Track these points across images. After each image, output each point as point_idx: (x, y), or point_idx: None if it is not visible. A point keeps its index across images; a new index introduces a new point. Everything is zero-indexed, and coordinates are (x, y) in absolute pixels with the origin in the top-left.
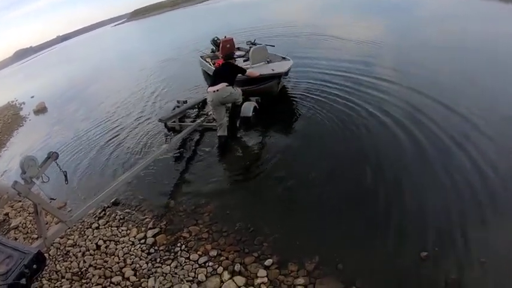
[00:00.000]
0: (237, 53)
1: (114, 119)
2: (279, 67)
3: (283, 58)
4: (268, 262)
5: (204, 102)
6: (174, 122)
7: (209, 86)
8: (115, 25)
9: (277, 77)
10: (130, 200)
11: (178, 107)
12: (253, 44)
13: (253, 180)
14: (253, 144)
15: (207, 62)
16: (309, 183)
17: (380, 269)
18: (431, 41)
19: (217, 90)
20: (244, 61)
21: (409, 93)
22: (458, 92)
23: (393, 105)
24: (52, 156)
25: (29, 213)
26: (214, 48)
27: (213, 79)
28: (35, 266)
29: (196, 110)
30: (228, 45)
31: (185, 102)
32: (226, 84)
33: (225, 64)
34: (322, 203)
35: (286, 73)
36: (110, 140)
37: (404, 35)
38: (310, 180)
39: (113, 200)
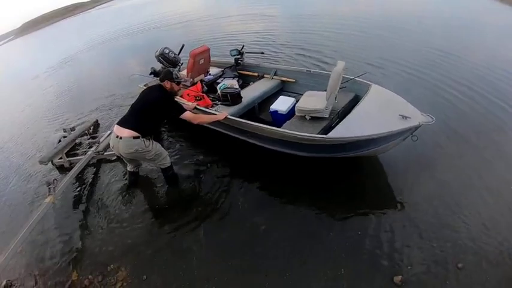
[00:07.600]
0: (212, 70)
1: None
2: (403, 110)
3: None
4: None
5: (96, 124)
6: (61, 158)
7: (116, 123)
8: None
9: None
10: (23, 279)
11: (65, 137)
12: (240, 52)
13: (177, 235)
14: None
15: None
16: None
17: None
18: None
19: (121, 138)
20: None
21: None
22: None
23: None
24: None
25: None
26: (162, 66)
27: (128, 112)
28: None
29: (88, 137)
30: (202, 60)
31: (73, 129)
32: (134, 134)
33: (153, 89)
34: None
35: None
36: None
37: None
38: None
39: (3, 283)
